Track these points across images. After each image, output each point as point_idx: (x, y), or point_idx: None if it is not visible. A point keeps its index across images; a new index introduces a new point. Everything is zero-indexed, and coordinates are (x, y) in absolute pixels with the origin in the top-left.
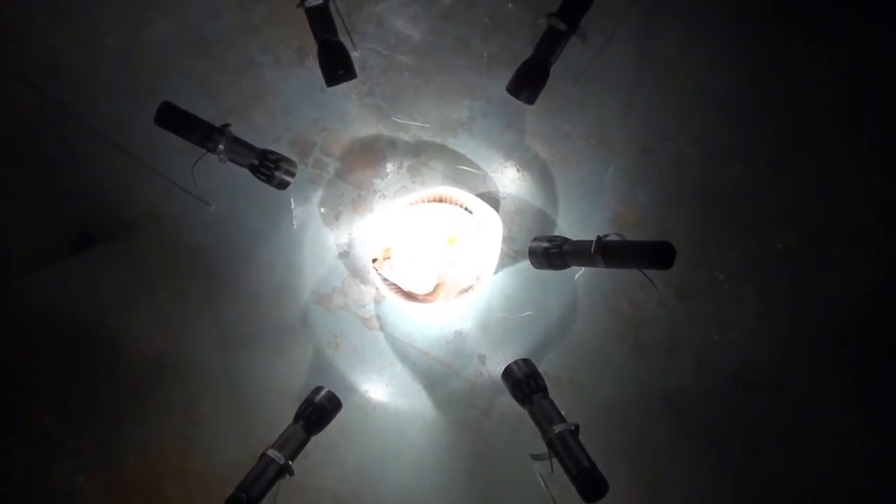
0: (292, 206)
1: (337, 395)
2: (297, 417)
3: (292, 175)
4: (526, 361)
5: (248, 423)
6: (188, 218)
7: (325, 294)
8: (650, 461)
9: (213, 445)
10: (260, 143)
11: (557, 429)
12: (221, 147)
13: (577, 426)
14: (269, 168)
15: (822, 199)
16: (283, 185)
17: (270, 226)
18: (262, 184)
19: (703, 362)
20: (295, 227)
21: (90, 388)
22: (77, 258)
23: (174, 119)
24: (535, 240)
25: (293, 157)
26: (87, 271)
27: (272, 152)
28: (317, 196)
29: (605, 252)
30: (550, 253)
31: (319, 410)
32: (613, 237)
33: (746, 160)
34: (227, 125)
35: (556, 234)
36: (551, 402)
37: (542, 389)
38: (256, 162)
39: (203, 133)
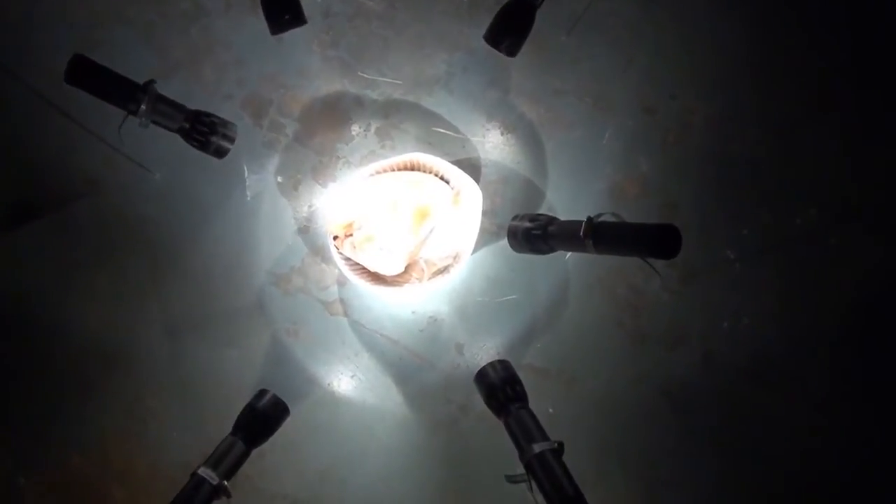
0: (245, 174)
1: (291, 391)
2: (237, 427)
3: (231, 140)
4: (503, 364)
5: (198, 419)
6: (131, 188)
7: (283, 274)
8: (648, 464)
9: (160, 444)
10: (210, 101)
11: (538, 448)
12: (143, 108)
13: (560, 444)
14: (203, 133)
15: (847, 168)
16: (220, 153)
17: (221, 197)
18: None
19: (710, 353)
20: (248, 198)
21: (27, 380)
22: (7, 234)
23: (87, 75)
24: (515, 218)
25: (247, 118)
26: (19, 249)
27: (206, 113)
28: (273, 163)
29: (597, 236)
30: (533, 235)
31: (262, 419)
32: (607, 217)
33: (763, 123)
34: (150, 82)
35: (544, 207)
36: (531, 414)
37: (521, 398)
38: (187, 125)
39: (123, 92)
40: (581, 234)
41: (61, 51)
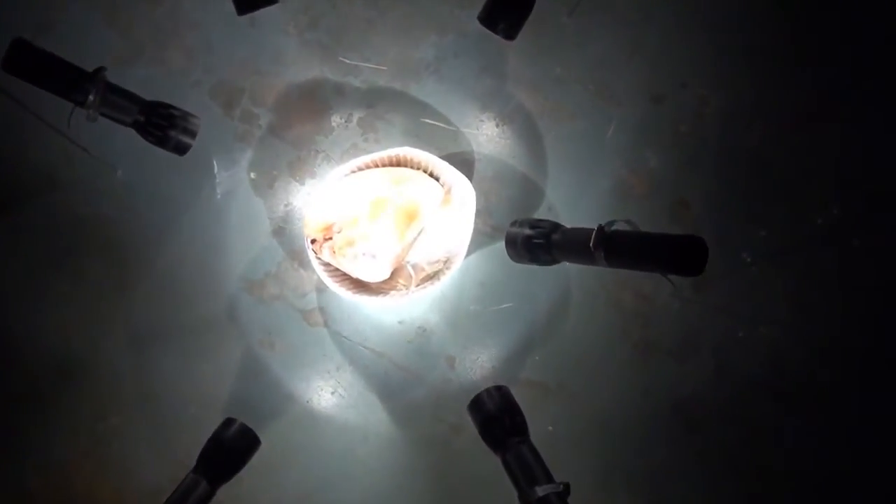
0: (215, 170)
1: (266, 409)
2: (199, 463)
3: (193, 135)
4: (500, 390)
5: (166, 439)
6: (91, 185)
7: (257, 280)
8: (657, 485)
9: (126, 467)
10: (175, 90)
11: (541, 490)
12: (91, 99)
13: (566, 486)
14: (161, 126)
15: (872, 164)
16: (181, 149)
17: (189, 195)
18: None
19: (723, 365)
20: (218, 196)
21: None
22: None
23: (28, 62)
24: (514, 224)
25: (216, 108)
26: None
27: (164, 105)
28: (245, 157)
29: (610, 248)
30: (534, 244)
31: (228, 453)
32: (621, 225)
33: (782, 114)
34: (100, 69)
35: (543, 206)
36: (533, 450)
37: (522, 431)
38: (143, 118)
39: (68, 81)
40: (591, 244)
41: (13, 32)
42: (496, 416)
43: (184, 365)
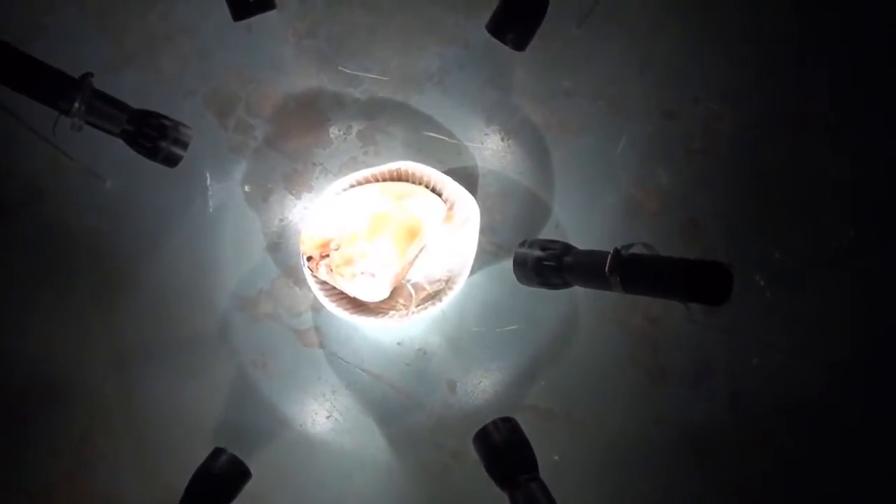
0: (208, 182)
1: (258, 433)
2: (186, 496)
3: (185, 146)
4: (508, 422)
5: (153, 463)
6: (78, 196)
7: (250, 298)
8: None
9: (111, 492)
10: (169, 98)
11: None
12: (77, 106)
13: None
14: (151, 137)
15: (891, 182)
16: (171, 161)
17: (180, 208)
18: None
19: (738, 393)
20: (211, 209)
21: None
22: None
23: (9, 66)
24: (523, 245)
25: (210, 118)
26: None
27: (155, 114)
28: (240, 169)
29: (627, 273)
30: (545, 266)
31: (217, 486)
32: (638, 249)
33: (799, 129)
34: (86, 75)
35: (550, 223)
36: (543, 488)
37: (531, 467)
38: (132, 128)
39: (52, 87)
40: (606, 269)
41: (4, 36)
42: (503, 450)
43: (173, 385)
